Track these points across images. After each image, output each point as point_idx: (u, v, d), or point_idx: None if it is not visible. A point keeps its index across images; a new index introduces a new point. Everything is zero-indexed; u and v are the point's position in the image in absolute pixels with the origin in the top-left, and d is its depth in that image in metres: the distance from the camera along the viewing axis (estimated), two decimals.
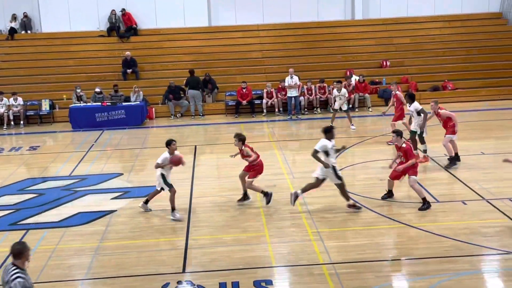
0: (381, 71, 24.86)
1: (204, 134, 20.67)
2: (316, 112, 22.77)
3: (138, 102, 22.33)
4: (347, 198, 12.05)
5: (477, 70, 24.57)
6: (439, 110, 14.79)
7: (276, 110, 22.82)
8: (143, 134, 20.66)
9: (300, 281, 9.21)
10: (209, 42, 26.15)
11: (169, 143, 11.99)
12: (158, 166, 11.94)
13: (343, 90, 19.62)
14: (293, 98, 22.18)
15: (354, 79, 23.32)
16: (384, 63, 25.07)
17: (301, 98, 22.59)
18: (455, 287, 8.71)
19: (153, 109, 23.06)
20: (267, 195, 12.34)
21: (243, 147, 12.23)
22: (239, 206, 12.55)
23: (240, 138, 12.21)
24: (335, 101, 19.67)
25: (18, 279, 6.41)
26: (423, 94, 23.10)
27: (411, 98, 15.53)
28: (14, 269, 6.48)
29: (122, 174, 15.56)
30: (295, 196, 12.15)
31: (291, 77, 22.23)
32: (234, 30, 26.56)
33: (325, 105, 22.95)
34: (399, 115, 16.93)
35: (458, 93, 23.58)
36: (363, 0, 26.95)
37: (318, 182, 12.07)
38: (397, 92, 17.20)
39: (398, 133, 12.22)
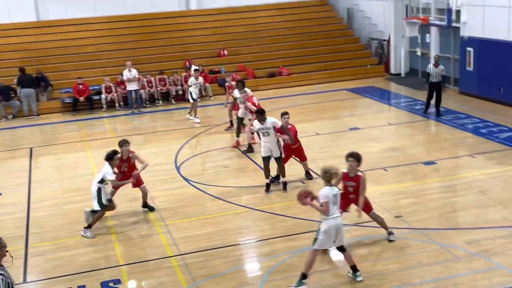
0: (220, 60, 25.22)
1: (41, 134, 19.56)
2: (158, 104, 22.52)
3: None
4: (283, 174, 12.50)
5: (309, 55, 25.81)
6: (247, 102, 15.53)
7: (117, 105, 22.23)
8: None
9: (150, 276, 9.12)
10: (38, 37, 24.73)
11: (111, 157, 10.75)
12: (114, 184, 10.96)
13: (200, 78, 19.73)
14: (133, 91, 21.76)
15: (194, 69, 23.42)
16: (222, 52, 25.46)
17: (142, 91, 22.24)
18: (299, 262, 9.12)
19: None
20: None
21: (131, 155, 11.42)
22: (83, 207, 12.07)
23: (123, 143, 11.31)
24: (190, 90, 19.47)
25: None
26: (261, 80, 23.86)
27: (242, 84, 16.07)
28: None
29: None
30: (283, 184, 12.43)
31: (129, 70, 21.75)
32: (65, 24, 25.34)
33: (167, 97, 22.80)
34: (236, 104, 17.13)
35: (293, 78, 24.65)
36: None
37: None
38: (233, 83, 17.64)
39: (287, 113, 12.57)
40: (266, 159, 12.39)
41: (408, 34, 23.55)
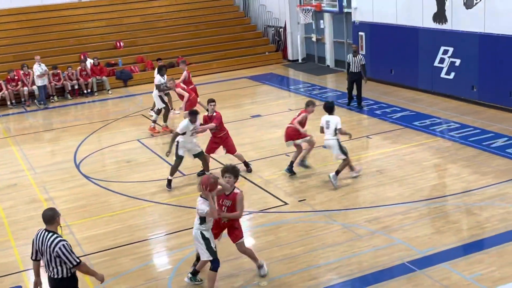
0: (116, 52, 24.60)
1: None
2: (53, 100, 21.64)
3: None
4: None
5: (207, 44, 25.72)
6: (175, 88, 15.60)
7: (8, 103, 21.14)
8: None
9: None
10: None
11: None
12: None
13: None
14: (42, 87, 20.88)
15: (89, 62, 22.73)
16: (118, 44, 24.84)
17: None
18: None
19: None
20: None
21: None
22: None
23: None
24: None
25: (62, 242, 6.34)
26: None
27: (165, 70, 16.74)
28: (52, 235, 6.37)
29: None
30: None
31: (39, 65, 20.85)
32: None
33: (62, 92, 21.95)
34: (194, 93, 16.94)
35: (193, 68, 24.33)
36: None
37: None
38: (185, 71, 17.49)
39: (214, 100, 12.51)
40: (182, 158, 12.12)
41: (302, 21, 24.06)
